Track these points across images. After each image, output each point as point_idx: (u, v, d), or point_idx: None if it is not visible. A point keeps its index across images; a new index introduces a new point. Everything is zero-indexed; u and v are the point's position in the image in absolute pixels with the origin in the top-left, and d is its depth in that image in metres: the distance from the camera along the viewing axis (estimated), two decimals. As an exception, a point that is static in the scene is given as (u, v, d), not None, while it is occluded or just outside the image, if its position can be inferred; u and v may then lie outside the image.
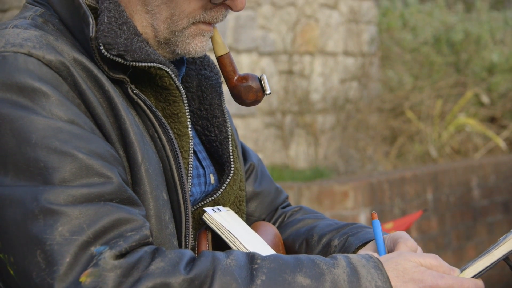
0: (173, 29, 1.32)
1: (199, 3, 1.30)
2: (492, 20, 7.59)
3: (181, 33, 1.32)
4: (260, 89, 1.38)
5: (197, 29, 1.33)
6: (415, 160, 6.10)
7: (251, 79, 1.37)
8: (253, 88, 1.37)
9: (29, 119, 1.16)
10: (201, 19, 1.32)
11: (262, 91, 1.38)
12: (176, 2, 1.30)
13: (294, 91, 5.68)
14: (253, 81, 1.37)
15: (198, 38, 1.33)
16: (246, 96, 1.37)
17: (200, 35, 1.33)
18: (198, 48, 1.34)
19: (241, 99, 1.38)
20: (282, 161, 5.65)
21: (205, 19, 1.32)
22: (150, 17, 1.31)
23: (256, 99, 1.38)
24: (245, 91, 1.37)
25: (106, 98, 1.25)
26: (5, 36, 1.23)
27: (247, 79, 1.37)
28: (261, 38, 5.55)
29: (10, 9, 4.64)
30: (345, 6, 6.21)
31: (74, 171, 1.15)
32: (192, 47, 1.33)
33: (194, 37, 1.33)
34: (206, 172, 1.41)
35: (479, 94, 6.77)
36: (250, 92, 1.37)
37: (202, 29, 1.33)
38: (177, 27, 1.31)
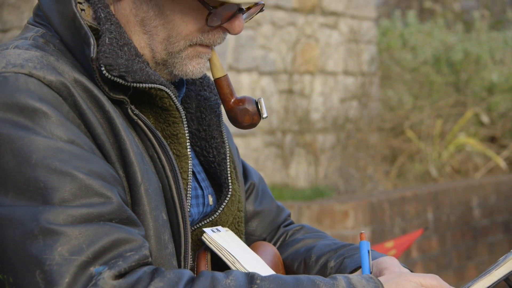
0: (170, 51, 1.32)
1: (196, 26, 1.31)
2: (492, 40, 7.62)
3: (178, 54, 1.32)
4: (257, 113, 1.38)
5: (194, 51, 1.33)
6: (415, 179, 6.10)
7: (248, 102, 1.38)
8: (250, 111, 1.37)
9: (30, 139, 1.17)
10: (198, 41, 1.32)
11: (259, 114, 1.38)
12: (173, 24, 1.31)
13: (294, 111, 5.69)
14: (249, 104, 1.38)
15: (196, 60, 1.34)
16: (242, 119, 1.38)
17: (198, 57, 1.34)
18: (195, 70, 1.34)
19: (237, 122, 1.38)
20: (283, 180, 5.64)
21: (202, 41, 1.33)
22: (147, 38, 1.32)
23: (252, 122, 1.38)
24: (242, 114, 1.37)
25: (106, 119, 1.25)
26: (6, 57, 1.24)
27: (244, 102, 1.37)
28: (261, 58, 5.57)
29: (11, 29, 4.66)
30: (345, 26, 6.24)
31: (74, 191, 1.15)
32: (189, 69, 1.34)
33: (191, 58, 1.33)
34: (205, 193, 1.41)
35: (479, 113, 6.78)
36: (247, 115, 1.37)
37: (200, 51, 1.33)
38: (174, 49, 1.32)
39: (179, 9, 1.30)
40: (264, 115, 1.38)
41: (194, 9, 1.30)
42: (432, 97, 6.72)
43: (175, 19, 1.30)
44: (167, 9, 1.30)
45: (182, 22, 1.30)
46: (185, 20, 1.30)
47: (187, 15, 1.30)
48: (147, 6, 1.31)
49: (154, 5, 1.30)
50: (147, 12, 1.31)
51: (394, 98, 6.62)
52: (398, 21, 7.84)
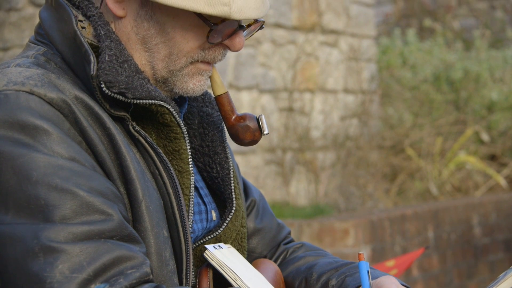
0: (171, 68, 1.32)
1: (197, 43, 1.31)
2: (491, 58, 7.64)
3: (179, 72, 1.33)
4: (258, 129, 1.38)
5: (195, 69, 1.33)
6: (415, 197, 6.09)
7: (249, 119, 1.38)
8: (251, 128, 1.37)
9: (30, 156, 1.17)
10: (199, 58, 1.33)
11: (260, 131, 1.38)
12: (175, 41, 1.31)
13: (294, 128, 5.70)
14: (250, 121, 1.38)
15: (196, 77, 1.34)
16: (244, 136, 1.38)
17: (198, 75, 1.34)
18: (196, 87, 1.34)
19: (238, 139, 1.38)
20: (283, 198, 5.63)
21: (203, 58, 1.33)
22: (148, 56, 1.32)
23: (254, 139, 1.38)
24: (243, 131, 1.37)
25: (107, 136, 1.25)
26: (7, 75, 1.24)
27: (245, 119, 1.38)
28: (261, 76, 5.58)
29: (12, 47, 4.68)
30: (345, 44, 6.26)
31: (74, 208, 1.15)
32: (189, 86, 1.34)
33: (192, 76, 1.33)
34: (208, 209, 1.41)
35: (479, 132, 6.78)
36: (248, 132, 1.38)
37: (200, 69, 1.34)
38: (175, 66, 1.32)
39: (180, 26, 1.30)
40: (265, 132, 1.38)
41: (195, 26, 1.30)
42: (432, 115, 6.73)
43: (176, 36, 1.31)
44: (168, 26, 1.30)
45: (183, 39, 1.31)
46: (186, 37, 1.31)
47: (188, 32, 1.30)
48: (148, 24, 1.31)
49: (155, 22, 1.31)
50: (148, 30, 1.31)
51: (394, 116, 6.63)
52: (398, 40, 7.87)
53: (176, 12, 1.29)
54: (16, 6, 4.68)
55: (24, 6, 4.68)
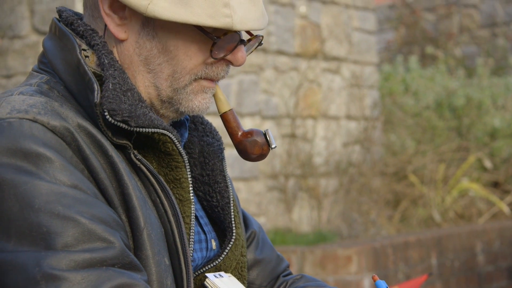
0: (175, 87, 1.33)
1: (200, 59, 1.32)
2: (493, 85, 7.66)
3: (183, 90, 1.33)
4: (266, 143, 1.38)
5: (199, 86, 1.34)
6: (418, 224, 6.07)
7: (256, 134, 1.38)
8: (259, 143, 1.37)
9: (33, 184, 1.17)
10: (202, 75, 1.33)
11: (268, 145, 1.38)
12: (178, 60, 1.31)
13: (297, 155, 5.70)
14: (258, 136, 1.38)
15: (201, 95, 1.34)
16: (252, 151, 1.38)
17: (203, 92, 1.34)
18: (201, 105, 1.35)
19: (247, 154, 1.38)
20: (285, 225, 5.62)
21: (206, 74, 1.33)
22: (152, 77, 1.33)
23: (262, 153, 1.38)
24: (251, 146, 1.37)
25: (109, 163, 1.26)
26: (11, 103, 1.25)
27: (252, 134, 1.38)
28: (264, 102, 5.60)
29: (15, 75, 4.70)
30: (347, 71, 6.29)
31: (76, 236, 1.15)
32: (195, 104, 1.34)
33: (196, 94, 1.34)
34: (208, 238, 1.41)
35: (482, 159, 6.78)
36: (256, 146, 1.37)
37: (204, 86, 1.34)
38: (179, 84, 1.33)
39: (183, 43, 1.31)
40: (273, 145, 1.38)
41: (198, 42, 1.31)
42: (435, 142, 6.73)
43: (179, 54, 1.31)
44: (170, 44, 1.31)
45: (186, 56, 1.31)
46: (189, 54, 1.31)
47: (190, 48, 1.31)
48: (151, 44, 1.32)
49: (157, 42, 1.31)
50: (151, 50, 1.32)
51: (397, 143, 6.63)
52: (400, 66, 7.90)
53: (178, 28, 1.30)
54: (20, 34, 4.72)
55: (27, 34, 4.71)
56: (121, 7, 1.32)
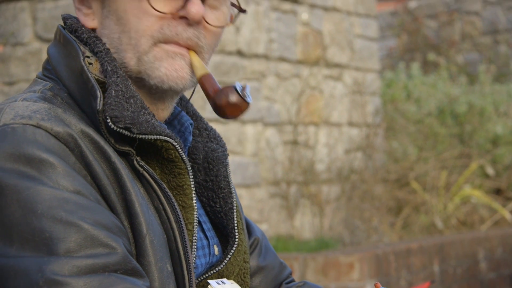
0: (137, 55, 1.31)
1: (150, 19, 1.30)
2: (495, 92, 7.66)
3: (146, 57, 1.30)
4: (241, 99, 1.30)
5: (161, 51, 1.31)
6: (420, 231, 6.06)
7: (230, 92, 1.30)
8: (235, 103, 1.30)
9: (36, 189, 1.17)
10: (160, 37, 1.30)
11: (244, 101, 1.30)
12: (130, 25, 1.30)
13: (299, 162, 5.70)
14: (232, 94, 1.30)
15: (167, 61, 1.31)
16: (231, 113, 1.31)
17: (168, 57, 1.31)
18: (170, 72, 1.30)
19: (224, 114, 1.31)
20: (287, 232, 5.62)
21: (165, 36, 1.30)
22: (120, 58, 1.32)
23: (240, 110, 1.30)
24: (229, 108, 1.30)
25: (112, 170, 1.26)
26: (14, 109, 1.25)
27: (227, 93, 1.30)
28: (266, 109, 5.60)
29: (18, 82, 4.71)
30: (349, 77, 6.29)
31: (79, 241, 1.15)
32: (162, 72, 1.30)
33: (162, 60, 1.30)
34: (210, 243, 1.41)
35: (484, 165, 6.77)
36: (232, 108, 1.30)
37: (168, 50, 1.31)
38: (138, 50, 1.30)
39: (130, 6, 1.30)
40: (248, 99, 1.30)
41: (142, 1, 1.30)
42: (437, 149, 6.73)
43: (129, 18, 1.30)
44: (120, 11, 1.31)
45: (136, 18, 1.30)
46: (138, 16, 1.30)
47: (138, 9, 1.30)
48: (110, 22, 1.32)
49: (113, 16, 1.32)
50: (111, 27, 1.32)
51: (399, 150, 6.63)
52: (402, 73, 7.90)
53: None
54: (22, 41, 4.73)
55: (30, 41, 4.72)
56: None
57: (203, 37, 1.33)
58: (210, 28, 1.34)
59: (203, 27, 1.33)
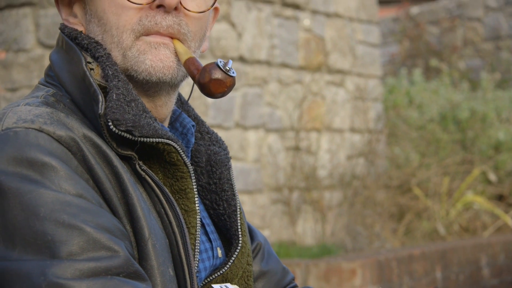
0: (122, 52, 1.31)
1: (128, 13, 1.31)
2: (498, 99, 7.66)
3: (130, 52, 1.31)
4: (224, 74, 1.28)
5: (144, 44, 1.31)
6: (423, 237, 6.05)
7: (213, 68, 1.28)
8: (218, 78, 1.28)
9: (38, 192, 1.17)
10: (141, 29, 1.31)
11: (228, 75, 1.28)
12: (110, 23, 1.31)
13: (301, 167, 5.70)
14: (214, 69, 1.28)
15: (151, 52, 1.31)
16: (216, 89, 1.29)
17: (152, 48, 1.31)
18: (155, 63, 1.30)
19: (210, 91, 1.29)
20: (289, 238, 5.61)
21: (146, 28, 1.31)
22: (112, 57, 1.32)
23: (226, 86, 1.28)
24: (213, 84, 1.28)
25: (114, 174, 1.26)
26: (17, 113, 1.26)
27: (209, 70, 1.28)
28: (268, 115, 5.61)
29: (20, 88, 4.72)
30: (351, 83, 6.29)
31: (81, 244, 1.16)
32: (147, 64, 1.30)
33: (146, 53, 1.31)
34: (213, 246, 1.41)
35: (486, 172, 6.77)
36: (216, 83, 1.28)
37: (150, 42, 1.31)
38: (122, 46, 1.31)
39: (107, 4, 1.31)
40: (231, 73, 1.28)
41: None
42: (439, 155, 6.73)
43: (109, 16, 1.31)
44: (99, 12, 1.32)
45: (115, 15, 1.31)
46: (116, 12, 1.31)
47: (115, 5, 1.31)
48: (92, 25, 1.34)
49: (93, 18, 1.33)
50: (94, 30, 1.34)
51: (401, 156, 6.63)
52: (404, 79, 7.91)
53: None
54: (25, 47, 4.74)
55: (32, 47, 4.73)
56: (70, 6, 1.37)
57: (184, 24, 1.33)
58: (191, 15, 1.33)
59: (184, 14, 1.33)
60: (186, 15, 1.33)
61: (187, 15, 1.33)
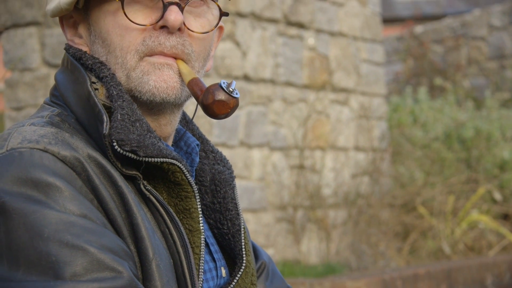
0: (126, 73, 1.32)
1: (132, 34, 1.31)
2: (502, 117, 7.66)
3: (134, 73, 1.31)
4: (228, 95, 1.29)
5: (148, 65, 1.32)
6: (428, 256, 6.03)
7: (216, 90, 1.29)
8: (222, 99, 1.28)
9: (42, 213, 1.17)
10: (145, 50, 1.31)
11: (232, 97, 1.29)
12: (114, 44, 1.32)
13: (305, 186, 5.69)
14: (218, 91, 1.28)
15: (154, 73, 1.31)
16: (219, 110, 1.29)
17: (156, 69, 1.31)
18: (159, 84, 1.31)
19: (214, 113, 1.29)
20: (294, 256, 5.60)
21: (149, 48, 1.31)
22: (116, 78, 1.32)
23: (229, 107, 1.29)
24: (217, 106, 1.29)
25: (119, 194, 1.26)
26: (22, 133, 1.26)
27: (213, 91, 1.28)
28: (272, 133, 5.61)
29: (25, 107, 4.74)
30: (355, 102, 6.30)
31: (85, 265, 1.15)
32: (151, 85, 1.31)
33: (149, 73, 1.31)
34: (218, 265, 1.40)
35: (491, 191, 6.75)
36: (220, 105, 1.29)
37: (154, 62, 1.32)
38: (126, 67, 1.32)
39: (111, 25, 1.32)
40: (235, 95, 1.28)
41: (120, 17, 1.31)
42: (444, 174, 6.72)
43: (112, 37, 1.32)
44: (103, 33, 1.33)
45: (118, 36, 1.32)
46: (119, 33, 1.32)
47: (118, 27, 1.32)
48: (97, 46, 1.35)
49: (97, 39, 1.34)
50: (99, 50, 1.34)
51: (406, 174, 6.62)
52: (408, 98, 7.91)
53: (101, 15, 1.32)
54: (30, 66, 4.76)
55: (38, 67, 4.75)
56: (75, 27, 1.38)
57: (188, 44, 1.34)
58: (195, 35, 1.34)
59: (188, 35, 1.34)
60: (189, 35, 1.34)
61: (190, 36, 1.34)
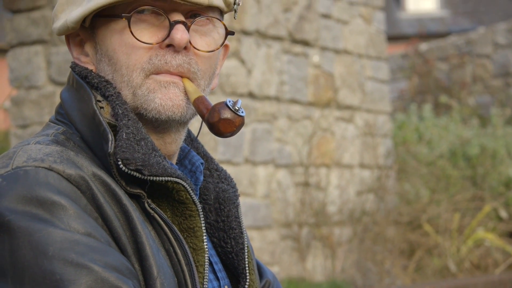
0: (132, 90, 1.32)
1: (138, 52, 1.32)
2: (508, 135, 7.65)
3: (140, 91, 1.32)
4: (233, 114, 1.29)
5: (154, 82, 1.32)
6: (434, 274, 6.01)
7: (222, 108, 1.29)
8: (228, 118, 1.29)
9: (47, 231, 1.18)
10: (151, 68, 1.32)
11: (237, 115, 1.29)
12: (120, 62, 1.32)
13: (310, 203, 5.69)
14: (223, 109, 1.29)
15: (160, 91, 1.32)
16: (225, 129, 1.30)
17: (162, 87, 1.32)
18: (164, 102, 1.31)
19: (219, 131, 1.30)
20: (299, 274, 5.58)
21: (155, 67, 1.32)
22: (121, 96, 1.33)
23: (235, 125, 1.30)
24: (223, 124, 1.29)
25: (123, 212, 1.27)
26: (27, 152, 1.27)
27: (218, 109, 1.29)
28: (277, 151, 5.61)
29: (31, 125, 4.75)
30: (360, 119, 6.31)
31: (90, 283, 1.15)
32: (157, 103, 1.31)
33: (155, 91, 1.32)
34: (221, 284, 1.40)
35: (497, 208, 6.73)
36: (225, 123, 1.29)
37: (160, 80, 1.32)
38: (132, 85, 1.32)
39: (117, 44, 1.33)
40: (241, 113, 1.29)
41: (126, 36, 1.31)
42: (449, 191, 6.71)
43: (119, 56, 1.33)
44: (110, 51, 1.33)
45: (124, 54, 1.32)
46: (125, 52, 1.32)
47: (124, 45, 1.32)
48: (103, 64, 1.35)
49: (104, 57, 1.34)
50: (105, 69, 1.35)
51: (411, 192, 6.61)
52: (413, 115, 7.92)
53: (107, 34, 1.33)
54: (36, 84, 4.78)
55: (44, 84, 4.77)
56: (81, 46, 1.38)
57: (194, 62, 1.34)
58: (201, 54, 1.35)
59: (194, 53, 1.35)
60: (195, 54, 1.35)
61: (196, 54, 1.35)
